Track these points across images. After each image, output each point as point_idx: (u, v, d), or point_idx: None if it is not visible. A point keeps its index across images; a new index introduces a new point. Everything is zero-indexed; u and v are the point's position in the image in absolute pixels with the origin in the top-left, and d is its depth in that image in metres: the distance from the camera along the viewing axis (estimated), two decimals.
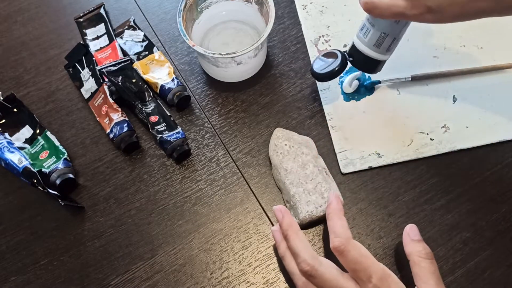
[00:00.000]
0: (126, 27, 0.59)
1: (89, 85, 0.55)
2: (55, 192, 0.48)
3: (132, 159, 0.52)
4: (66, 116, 0.55)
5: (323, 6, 0.59)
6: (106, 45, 0.58)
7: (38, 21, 0.62)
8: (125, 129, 0.51)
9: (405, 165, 0.50)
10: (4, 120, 0.54)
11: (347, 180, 0.50)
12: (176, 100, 0.53)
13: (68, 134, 0.54)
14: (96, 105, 0.55)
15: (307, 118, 0.53)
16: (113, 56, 0.56)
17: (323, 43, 0.57)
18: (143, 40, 0.58)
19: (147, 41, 0.58)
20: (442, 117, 0.52)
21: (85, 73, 0.56)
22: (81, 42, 0.59)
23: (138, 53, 0.57)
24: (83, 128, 0.54)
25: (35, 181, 0.48)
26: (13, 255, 0.48)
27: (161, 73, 0.55)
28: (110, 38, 0.58)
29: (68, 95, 0.57)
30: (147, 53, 0.57)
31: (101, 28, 0.59)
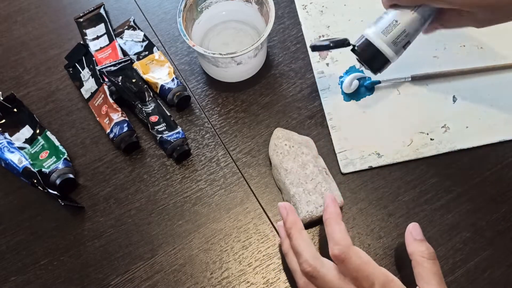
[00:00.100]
0: (126, 27, 0.59)
1: (89, 85, 0.55)
2: (55, 192, 0.48)
3: (132, 159, 0.52)
4: (66, 116, 0.55)
5: (323, 6, 0.59)
6: (106, 45, 0.58)
7: (38, 21, 0.62)
8: (125, 129, 0.51)
9: (405, 165, 0.50)
10: (4, 120, 0.54)
11: (347, 180, 0.50)
12: (176, 100, 0.53)
13: (68, 134, 0.54)
14: (96, 105, 0.55)
15: (307, 118, 0.53)
16: (113, 56, 0.56)
17: None
18: (143, 40, 0.58)
19: (147, 41, 0.58)
20: (442, 117, 0.52)
21: (85, 73, 0.56)
22: (81, 42, 0.59)
23: (138, 53, 0.57)
24: (83, 128, 0.54)
25: (35, 181, 0.48)
26: (13, 255, 0.48)
27: (161, 73, 0.55)
28: (110, 38, 0.58)
29: (68, 95, 0.57)
30: (147, 53, 0.57)
31: (101, 28, 0.59)
